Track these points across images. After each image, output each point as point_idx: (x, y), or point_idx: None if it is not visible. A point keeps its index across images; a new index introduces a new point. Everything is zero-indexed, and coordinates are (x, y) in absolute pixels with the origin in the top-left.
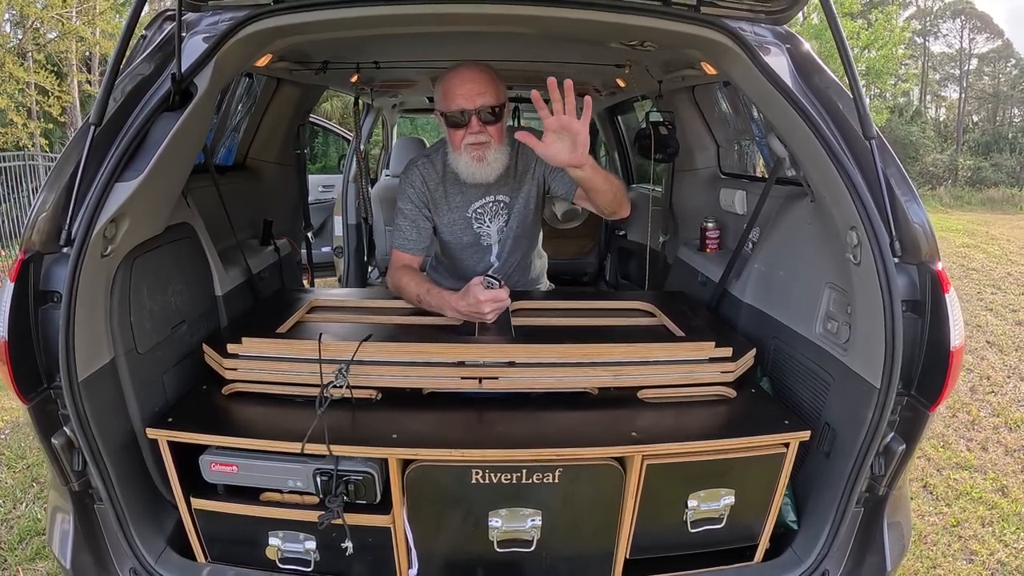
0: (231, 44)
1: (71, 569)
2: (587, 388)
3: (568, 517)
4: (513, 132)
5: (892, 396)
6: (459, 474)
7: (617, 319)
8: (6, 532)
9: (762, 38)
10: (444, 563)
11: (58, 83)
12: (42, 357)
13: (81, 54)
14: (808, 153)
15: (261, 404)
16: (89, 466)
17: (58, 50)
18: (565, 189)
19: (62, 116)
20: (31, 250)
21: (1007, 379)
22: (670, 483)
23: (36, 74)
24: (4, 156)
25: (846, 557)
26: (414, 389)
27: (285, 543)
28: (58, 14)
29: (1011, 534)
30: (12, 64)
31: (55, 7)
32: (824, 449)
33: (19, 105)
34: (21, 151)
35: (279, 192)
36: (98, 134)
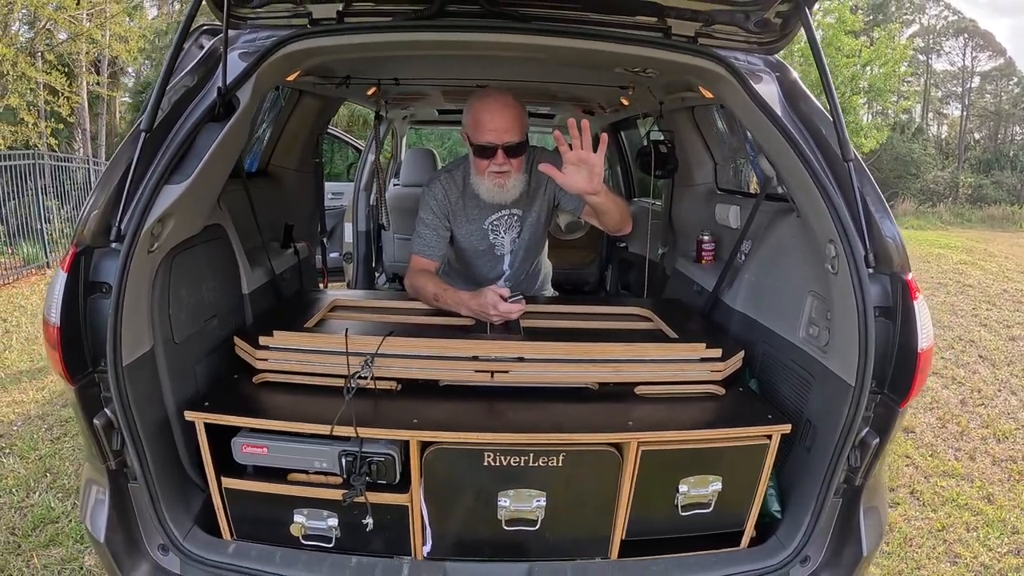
0: (271, 61)
1: (104, 543)
2: (588, 383)
3: (570, 499)
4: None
5: (866, 394)
6: (472, 457)
7: (616, 323)
8: (20, 519)
9: (754, 66)
10: (456, 540)
11: (68, 84)
12: (89, 343)
13: (92, 56)
14: (792, 172)
15: (289, 392)
16: (127, 446)
17: (70, 51)
18: (573, 206)
19: (71, 116)
20: (82, 244)
21: (998, 392)
22: (663, 469)
23: (47, 74)
24: (10, 155)
25: (826, 543)
26: (431, 381)
27: (309, 520)
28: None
29: (995, 539)
30: (25, 63)
31: (69, 8)
32: (806, 444)
33: (30, 104)
34: (31, 150)
35: (298, 198)
36: (147, 140)
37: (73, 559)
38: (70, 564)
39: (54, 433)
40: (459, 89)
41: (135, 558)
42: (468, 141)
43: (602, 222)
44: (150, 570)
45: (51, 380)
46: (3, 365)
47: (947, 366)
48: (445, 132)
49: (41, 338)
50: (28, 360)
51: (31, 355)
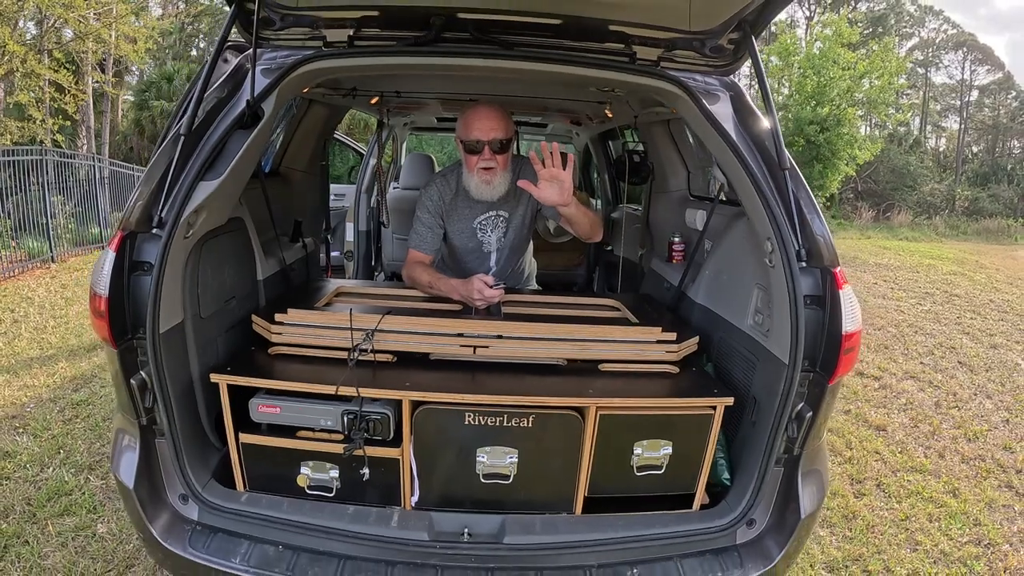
0: (291, 78)
1: (133, 490)
2: (558, 360)
3: (538, 456)
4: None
5: (799, 372)
6: (455, 416)
7: (586, 311)
8: (34, 491)
9: (711, 86)
10: (440, 491)
11: (75, 81)
12: (130, 313)
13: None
14: (738, 179)
15: (300, 362)
16: (157, 405)
17: (78, 50)
18: (551, 213)
19: (76, 113)
20: (128, 229)
21: (973, 396)
22: (619, 432)
23: (55, 72)
24: (15, 150)
25: (771, 508)
26: (423, 354)
27: (314, 472)
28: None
29: (956, 530)
30: (34, 60)
31: (79, 8)
32: (752, 419)
33: (38, 101)
34: (39, 145)
35: (306, 197)
36: (185, 142)
37: (86, 527)
38: (83, 531)
39: (66, 415)
40: (455, 100)
41: (158, 506)
42: (460, 142)
43: (574, 230)
44: (171, 517)
45: (61, 367)
46: (13, 352)
47: (925, 371)
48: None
49: (49, 328)
50: (38, 348)
51: (40, 344)
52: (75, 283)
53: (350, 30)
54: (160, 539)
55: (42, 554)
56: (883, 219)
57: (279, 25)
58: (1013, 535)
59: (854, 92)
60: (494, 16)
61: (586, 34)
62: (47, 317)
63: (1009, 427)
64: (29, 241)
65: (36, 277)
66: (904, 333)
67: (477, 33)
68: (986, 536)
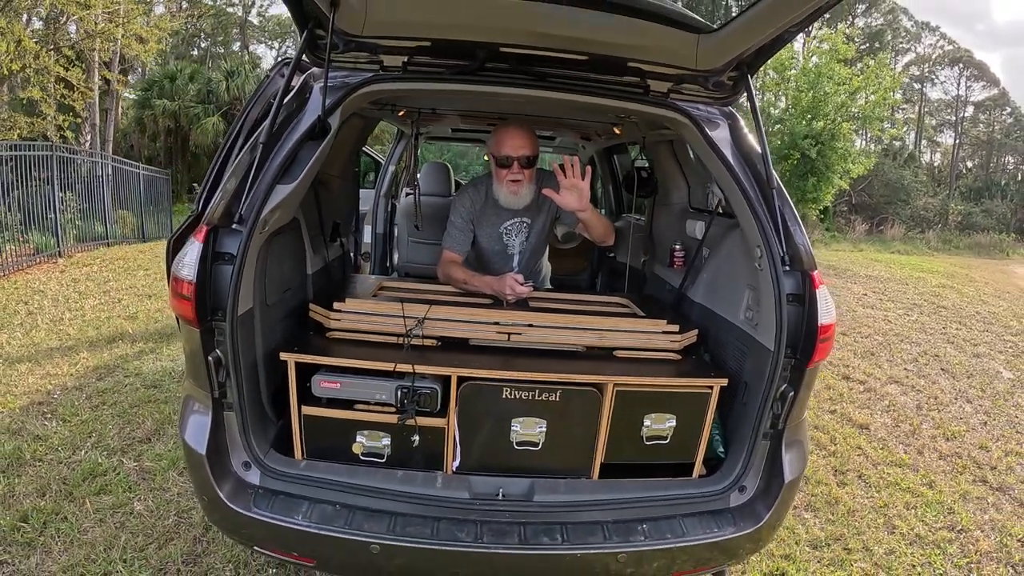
0: (354, 96)
1: (205, 455)
2: (579, 346)
3: (563, 426)
4: (539, 174)
5: (782, 357)
6: (495, 391)
7: (602, 307)
8: (69, 472)
9: (712, 115)
10: (478, 456)
11: (84, 79)
12: (211, 297)
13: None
14: (733, 196)
15: (356, 345)
16: (229, 379)
17: (89, 47)
18: (569, 220)
19: (84, 111)
20: (212, 223)
21: (954, 400)
22: (631, 406)
23: (65, 69)
24: (20, 145)
25: (760, 475)
26: (463, 339)
27: (368, 441)
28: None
29: (932, 517)
30: (46, 57)
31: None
32: (743, 400)
33: (51, 97)
34: (48, 141)
35: (342, 201)
36: (263, 151)
37: (124, 504)
38: (121, 508)
39: (93, 402)
40: (482, 116)
41: (223, 471)
42: (492, 157)
43: (590, 234)
44: (235, 481)
45: (83, 357)
46: (32, 343)
47: (909, 376)
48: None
49: (66, 320)
50: (57, 339)
51: (59, 335)
52: (86, 278)
53: (405, 57)
54: (227, 501)
55: (82, 529)
56: (876, 232)
57: (342, 49)
58: (985, 523)
59: (849, 107)
60: (530, 51)
61: (607, 69)
62: (63, 310)
63: (987, 428)
64: (36, 236)
65: (44, 271)
66: (890, 341)
67: (516, 65)
68: (959, 523)
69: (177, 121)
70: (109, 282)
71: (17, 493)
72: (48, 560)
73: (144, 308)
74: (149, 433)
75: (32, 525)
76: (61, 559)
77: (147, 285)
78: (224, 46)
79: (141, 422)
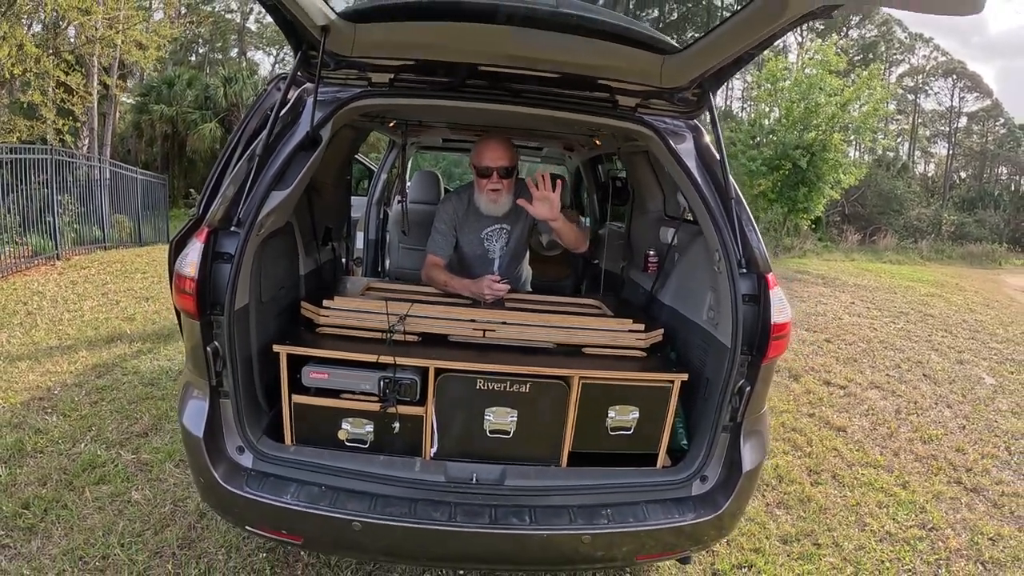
0: (344, 110)
1: (202, 438)
2: (550, 343)
3: (533, 416)
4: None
5: (738, 354)
6: (469, 382)
7: (573, 308)
8: (69, 463)
9: (678, 128)
10: (455, 443)
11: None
12: (210, 293)
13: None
14: (695, 203)
15: (343, 340)
16: (226, 369)
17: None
18: (544, 226)
19: (84, 115)
20: (212, 225)
21: (933, 405)
22: (597, 397)
23: (66, 74)
24: (18, 148)
25: (721, 465)
26: (442, 335)
27: (352, 428)
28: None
29: (903, 515)
30: (47, 62)
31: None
32: (704, 395)
33: (51, 102)
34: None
35: (334, 207)
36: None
37: (122, 494)
38: (119, 498)
39: (92, 398)
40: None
41: (219, 454)
42: (473, 167)
43: (562, 240)
44: (229, 464)
45: (82, 355)
46: (32, 341)
47: (890, 382)
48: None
49: (65, 320)
50: (56, 338)
51: (58, 334)
52: (84, 280)
53: (391, 74)
54: (222, 481)
55: (81, 515)
56: (869, 242)
57: (333, 67)
58: (957, 522)
59: (840, 118)
60: (507, 69)
61: (578, 85)
62: (61, 310)
63: (964, 432)
64: (34, 238)
65: (43, 273)
66: (874, 348)
67: (493, 82)
68: (931, 522)
69: (174, 126)
70: (107, 284)
71: (19, 482)
72: (49, 544)
73: (142, 310)
74: (147, 428)
75: (33, 512)
76: (61, 543)
77: (144, 288)
78: (222, 52)
79: (139, 417)
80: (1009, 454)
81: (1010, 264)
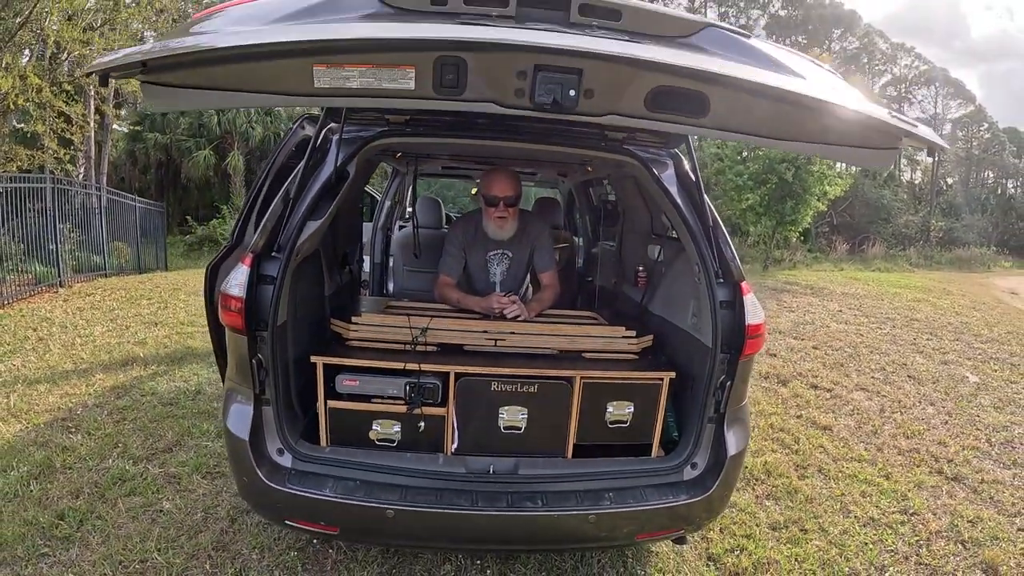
0: (367, 148)
1: (247, 440)
2: (553, 350)
3: (541, 413)
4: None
5: (718, 353)
6: (485, 384)
7: (573, 319)
8: (99, 477)
9: (660, 156)
10: (473, 439)
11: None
12: (254, 311)
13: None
14: (677, 224)
15: (370, 351)
16: (268, 379)
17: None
18: (540, 265)
19: (83, 144)
20: (255, 251)
21: (917, 403)
22: (596, 395)
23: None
24: (16, 177)
25: (708, 453)
26: (458, 345)
27: (381, 429)
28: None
29: (886, 503)
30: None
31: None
32: (691, 391)
33: (52, 131)
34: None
35: (348, 233)
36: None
37: (153, 504)
38: (151, 508)
39: (114, 417)
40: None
41: (261, 456)
42: (482, 196)
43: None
44: (271, 464)
45: (98, 378)
46: (48, 365)
47: (875, 384)
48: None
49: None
50: (71, 362)
51: (72, 358)
52: (90, 307)
53: (407, 116)
54: (265, 479)
55: (116, 524)
56: (858, 252)
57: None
58: (937, 507)
59: None
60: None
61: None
62: (73, 336)
63: (947, 427)
64: (36, 266)
65: (47, 300)
66: (860, 353)
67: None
68: (912, 507)
69: (168, 154)
70: (115, 311)
71: (51, 496)
72: (87, 551)
73: (152, 335)
74: (171, 444)
75: (69, 523)
76: (99, 550)
77: (152, 314)
78: None
79: (162, 434)
80: (990, 445)
81: (999, 267)
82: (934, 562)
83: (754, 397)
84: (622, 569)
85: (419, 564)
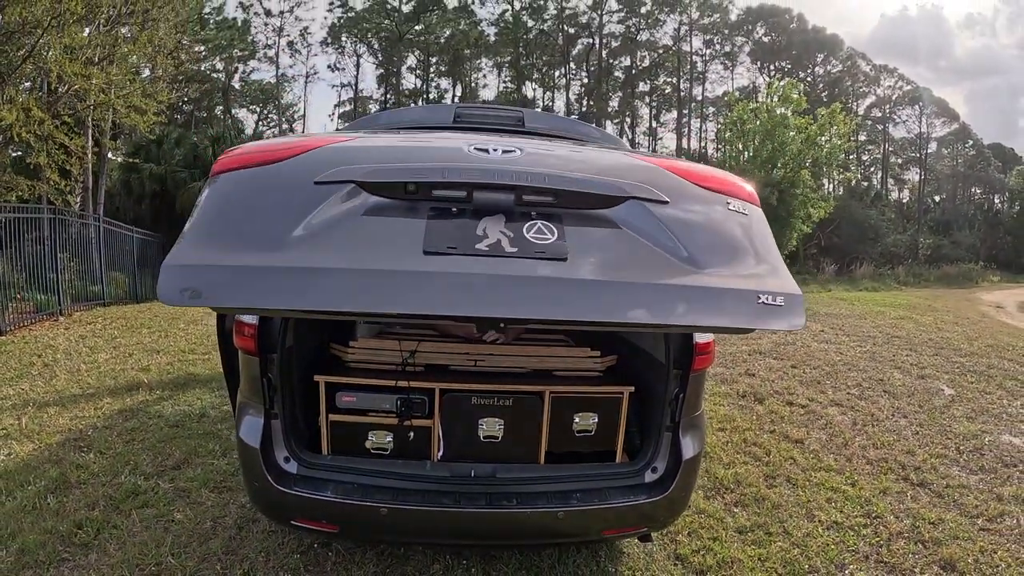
0: None
1: (259, 448)
2: (526, 368)
3: (516, 424)
4: None
5: (671, 368)
6: (466, 399)
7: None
8: (113, 491)
9: None
10: (456, 447)
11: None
12: (265, 336)
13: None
14: None
15: (366, 371)
16: (276, 395)
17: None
18: None
19: (81, 174)
20: None
21: (890, 417)
22: (564, 407)
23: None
24: (15, 207)
25: (667, 459)
26: (443, 365)
27: (376, 438)
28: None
29: (850, 508)
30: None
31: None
32: (651, 405)
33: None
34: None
35: None
36: None
37: (165, 515)
38: (163, 518)
39: (124, 438)
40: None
41: (270, 463)
42: None
43: None
44: (279, 471)
45: (106, 402)
46: (55, 390)
47: (851, 399)
48: None
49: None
50: (78, 387)
51: (79, 383)
52: (92, 335)
53: None
54: (274, 484)
55: (131, 532)
56: (846, 272)
57: None
58: (900, 511)
59: (805, 155)
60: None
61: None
62: (77, 362)
63: (918, 438)
64: (36, 294)
65: (48, 328)
66: (838, 371)
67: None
68: (875, 511)
69: (163, 185)
70: (116, 339)
71: (68, 508)
72: (105, 556)
73: (155, 362)
74: (179, 462)
75: (86, 531)
76: (117, 555)
77: (153, 342)
78: (208, 111)
79: (171, 453)
80: (959, 453)
81: (987, 281)
82: (893, 560)
83: (730, 415)
84: (595, 567)
85: (410, 565)
